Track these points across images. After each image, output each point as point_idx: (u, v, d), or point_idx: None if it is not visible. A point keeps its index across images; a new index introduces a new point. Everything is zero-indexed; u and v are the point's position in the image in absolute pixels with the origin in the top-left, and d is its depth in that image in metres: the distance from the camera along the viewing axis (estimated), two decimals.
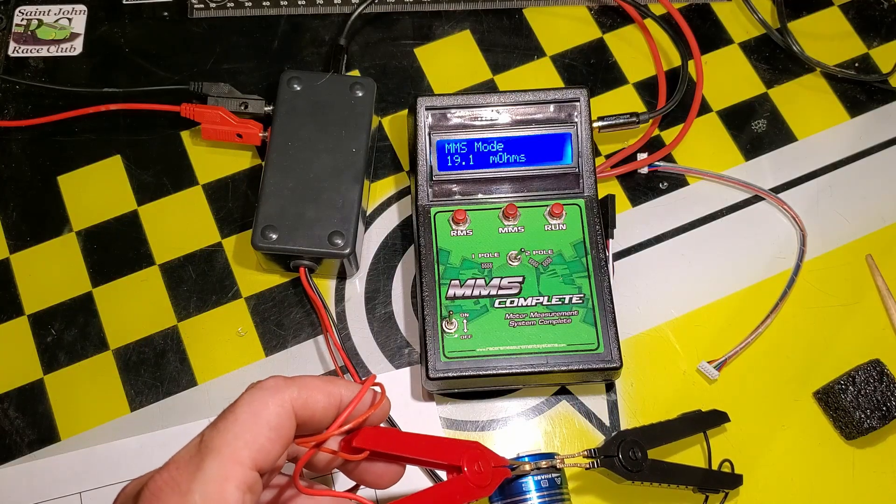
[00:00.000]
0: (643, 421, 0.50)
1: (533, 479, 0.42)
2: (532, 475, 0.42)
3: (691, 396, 0.51)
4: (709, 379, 0.51)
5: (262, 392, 0.33)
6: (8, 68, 0.60)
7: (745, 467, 0.49)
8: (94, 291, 0.54)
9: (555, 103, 0.53)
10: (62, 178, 0.57)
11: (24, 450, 0.50)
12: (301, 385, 0.34)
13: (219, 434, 0.32)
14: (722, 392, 0.51)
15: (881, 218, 0.56)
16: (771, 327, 0.52)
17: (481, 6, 0.61)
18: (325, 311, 0.50)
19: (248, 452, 0.32)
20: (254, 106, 0.56)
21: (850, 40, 0.61)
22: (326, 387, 0.35)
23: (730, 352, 0.51)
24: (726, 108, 0.59)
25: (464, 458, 0.38)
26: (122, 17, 0.61)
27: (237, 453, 0.32)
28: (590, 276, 0.50)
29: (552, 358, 0.48)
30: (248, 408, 0.33)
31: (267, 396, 0.33)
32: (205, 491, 0.31)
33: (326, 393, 0.35)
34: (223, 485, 0.31)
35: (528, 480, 0.42)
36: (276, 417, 0.33)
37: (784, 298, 0.52)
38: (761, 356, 0.52)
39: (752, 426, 0.50)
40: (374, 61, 0.60)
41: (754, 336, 0.51)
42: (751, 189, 0.56)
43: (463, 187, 0.53)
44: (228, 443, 0.32)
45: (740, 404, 0.50)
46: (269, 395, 0.33)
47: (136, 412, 0.51)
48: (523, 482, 0.42)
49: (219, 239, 0.55)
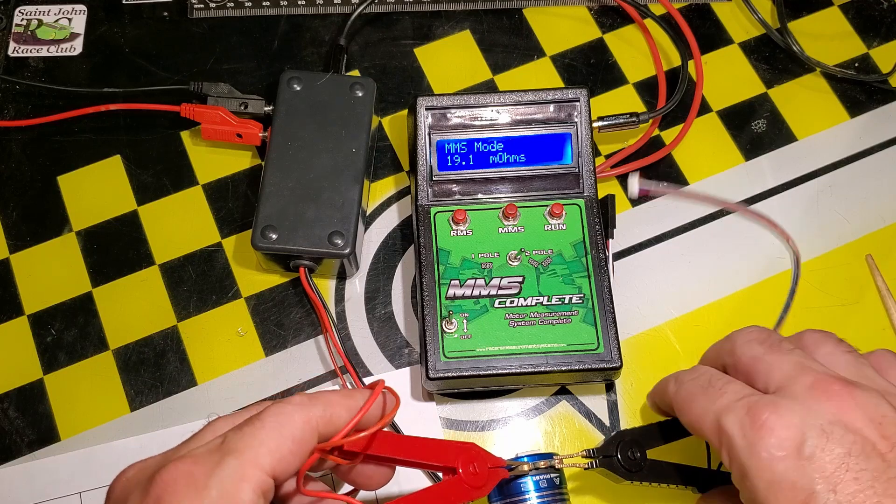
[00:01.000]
0: (643, 421, 0.50)
1: (532, 480, 0.42)
2: (531, 475, 0.42)
3: None
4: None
5: (289, 406, 0.34)
6: (8, 68, 0.60)
7: None
8: (94, 291, 0.54)
9: (555, 103, 0.53)
10: (62, 178, 0.57)
11: (24, 450, 0.50)
12: (326, 402, 0.35)
13: (243, 437, 0.33)
14: None
15: (881, 218, 0.56)
16: (771, 327, 0.52)
17: (481, 6, 0.61)
18: (325, 311, 0.50)
19: (270, 459, 0.32)
20: (254, 106, 0.56)
21: (850, 40, 0.61)
22: (347, 402, 0.35)
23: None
24: (726, 108, 0.59)
25: (459, 460, 0.38)
26: (121, 17, 0.61)
27: (259, 458, 0.32)
28: (590, 276, 0.50)
29: (552, 358, 0.48)
30: (274, 419, 0.33)
31: (293, 411, 0.34)
32: (222, 487, 0.31)
33: (348, 408, 0.35)
34: (240, 484, 0.31)
35: (528, 481, 0.42)
36: (300, 431, 0.33)
37: (781, 323, 0.52)
38: None
39: None
40: (374, 61, 0.60)
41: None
42: (746, 212, 0.56)
43: (463, 187, 0.53)
44: (251, 446, 0.32)
45: None
46: (296, 409, 0.34)
47: (136, 412, 0.51)
48: (522, 482, 0.42)
49: (219, 239, 0.55)
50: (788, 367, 0.36)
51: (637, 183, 0.55)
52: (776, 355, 0.37)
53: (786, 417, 0.34)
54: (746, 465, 0.34)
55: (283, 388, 0.51)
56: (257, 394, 0.51)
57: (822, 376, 0.35)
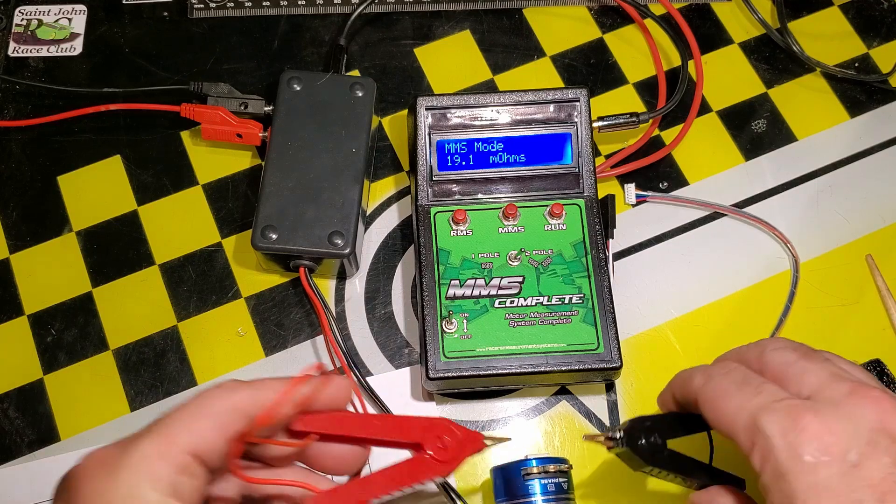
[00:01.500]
0: None
1: (539, 482, 0.42)
2: (539, 478, 0.42)
3: None
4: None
5: (214, 389, 0.34)
6: (8, 68, 0.60)
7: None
8: (93, 291, 0.54)
9: (555, 103, 0.53)
10: (62, 178, 0.57)
11: (24, 450, 0.50)
12: (254, 387, 0.35)
13: (162, 420, 0.33)
14: None
15: (881, 218, 0.56)
16: (771, 328, 0.52)
17: (481, 6, 0.61)
18: (325, 311, 0.50)
19: (187, 437, 0.32)
20: (254, 106, 0.56)
21: (850, 40, 0.61)
22: (277, 385, 0.35)
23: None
24: (726, 108, 0.59)
25: (426, 435, 0.37)
26: (122, 17, 0.61)
27: (174, 436, 0.32)
28: (590, 276, 0.50)
29: (552, 358, 0.48)
30: (196, 401, 0.33)
31: (217, 393, 0.34)
32: (132, 465, 0.31)
33: (278, 391, 0.35)
34: (154, 461, 0.31)
35: (535, 483, 0.42)
36: (222, 412, 0.33)
37: (780, 327, 0.52)
38: None
39: None
40: (374, 61, 0.60)
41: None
42: (746, 217, 0.56)
43: (463, 187, 0.53)
44: (168, 425, 0.32)
45: None
46: (221, 391, 0.34)
47: (136, 412, 0.51)
48: (530, 484, 0.42)
49: (219, 239, 0.55)
50: (824, 374, 0.36)
51: (633, 192, 0.55)
52: (809, 362, 0.37)
53: (829, 422, 0.33)
54: (785, 466, 0.34)
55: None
56: None
57: (859, 384, 0.35)
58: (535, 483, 0.42)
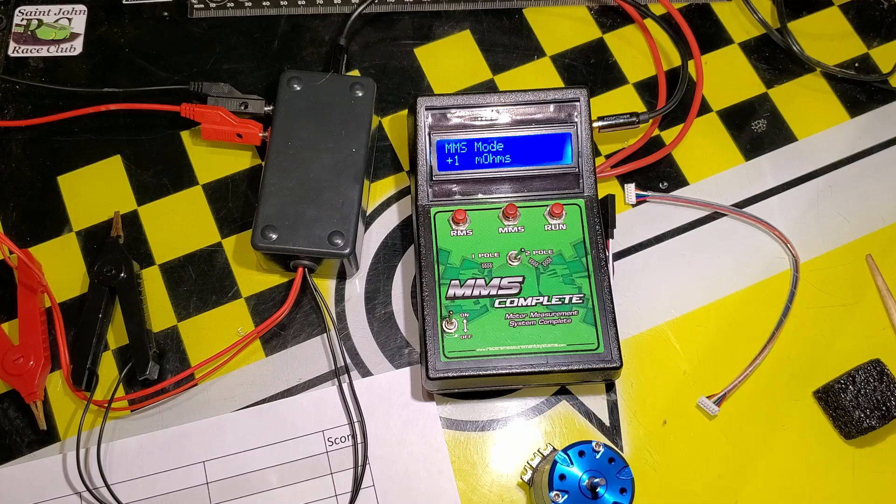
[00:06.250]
0: (643, 421, 0.50)
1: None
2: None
3: (691, 396, 0.51)
4: (709, 414, 0.50)
5: None
6: (8, 68, 0.60)
7: (745, 467, 0.49)
8: None
9: (555, 103, 0.53)
10: (62, 178, 0.57)
11: (23, 450, 0.50)
12: None
13: None
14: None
15: (881, 218, 0.56)
16: (771, 328, 0.52)
17: (481, 6, 0.61)
18: (325, 310, 0.50)
19: None
20: (254, 106, 0.56)
21: (850, 40, 0.61)
22: None
23: (728, 386, 0.50)
24: (726, 108, 0.59)
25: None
26: (122, 17, 0.61)
27: None
28: (590, 276, 0.50)
29: (552, 358, 0.48)
30: None
31: None
32: None
33: None
34: None
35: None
36: None
37: (780, 328, 0.52)
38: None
39: (752, 425, 0.50)
40: (374, 61, 0.60)
41: (752, 368, 0.51)
42: (746, 217, 0.56)
43: (463, 187, 0.53)
44: None
45: (740, 404, 0.51)
46: None
47: (136, 412, 0.51)
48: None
49: (219, 239, 0.55)
50: None
51: (633, 192, 0.55)
52: None
53: None
54: None
55: (283, 387, 0.51)
56: (257, 394, 0.51)
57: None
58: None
